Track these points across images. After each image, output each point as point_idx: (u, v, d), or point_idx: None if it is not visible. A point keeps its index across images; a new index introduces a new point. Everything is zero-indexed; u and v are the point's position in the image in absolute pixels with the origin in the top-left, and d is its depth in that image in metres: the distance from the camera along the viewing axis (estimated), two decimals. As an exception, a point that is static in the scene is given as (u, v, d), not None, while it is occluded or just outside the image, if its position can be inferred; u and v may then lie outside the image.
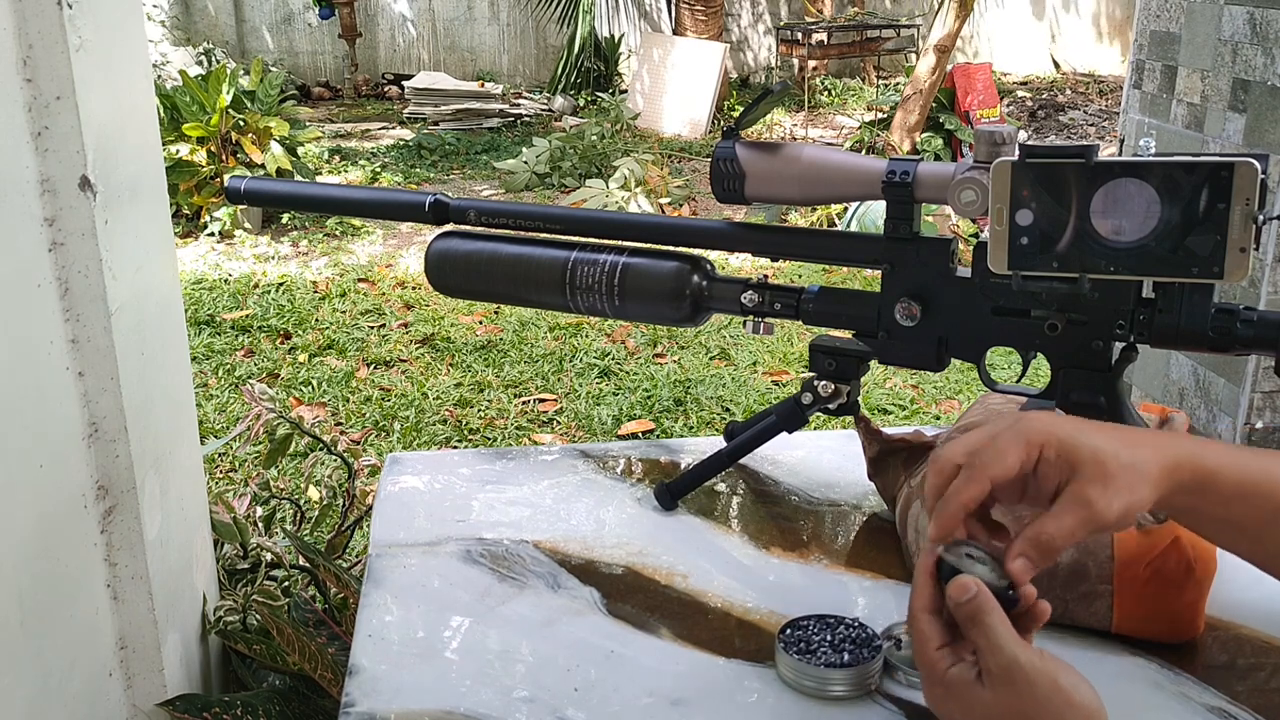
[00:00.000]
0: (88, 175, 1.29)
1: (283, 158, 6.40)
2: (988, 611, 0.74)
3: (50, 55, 1.25)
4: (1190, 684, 0.98)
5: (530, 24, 11.99)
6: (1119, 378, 1.06)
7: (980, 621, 0.74)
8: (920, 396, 4.22)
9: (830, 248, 1.18)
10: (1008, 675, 0.73)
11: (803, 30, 9.59)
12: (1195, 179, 0.92)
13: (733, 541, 1.24)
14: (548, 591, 1.14)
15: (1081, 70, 13.05)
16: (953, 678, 0.75)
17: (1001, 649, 0.73)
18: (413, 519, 1.28)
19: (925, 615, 0.78)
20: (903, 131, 8.23)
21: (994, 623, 0.74)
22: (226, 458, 3.54)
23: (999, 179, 0.97)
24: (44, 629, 1.26)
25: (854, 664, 0.97)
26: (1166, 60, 2.98)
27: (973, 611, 0.75)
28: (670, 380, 4.28)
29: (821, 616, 1.03)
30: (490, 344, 4.69)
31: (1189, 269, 0.94)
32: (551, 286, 1.24)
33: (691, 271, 1.19)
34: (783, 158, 1.12)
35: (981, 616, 0.75)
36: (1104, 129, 9.98)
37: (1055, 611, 1.02)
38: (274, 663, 1.65)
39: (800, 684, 0.97)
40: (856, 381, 1.20)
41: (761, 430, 1.26)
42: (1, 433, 1.17)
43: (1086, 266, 0.97)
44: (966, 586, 0.75)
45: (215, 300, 5.14)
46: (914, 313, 1.11)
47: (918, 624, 0.78)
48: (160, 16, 10.81)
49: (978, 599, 0.75)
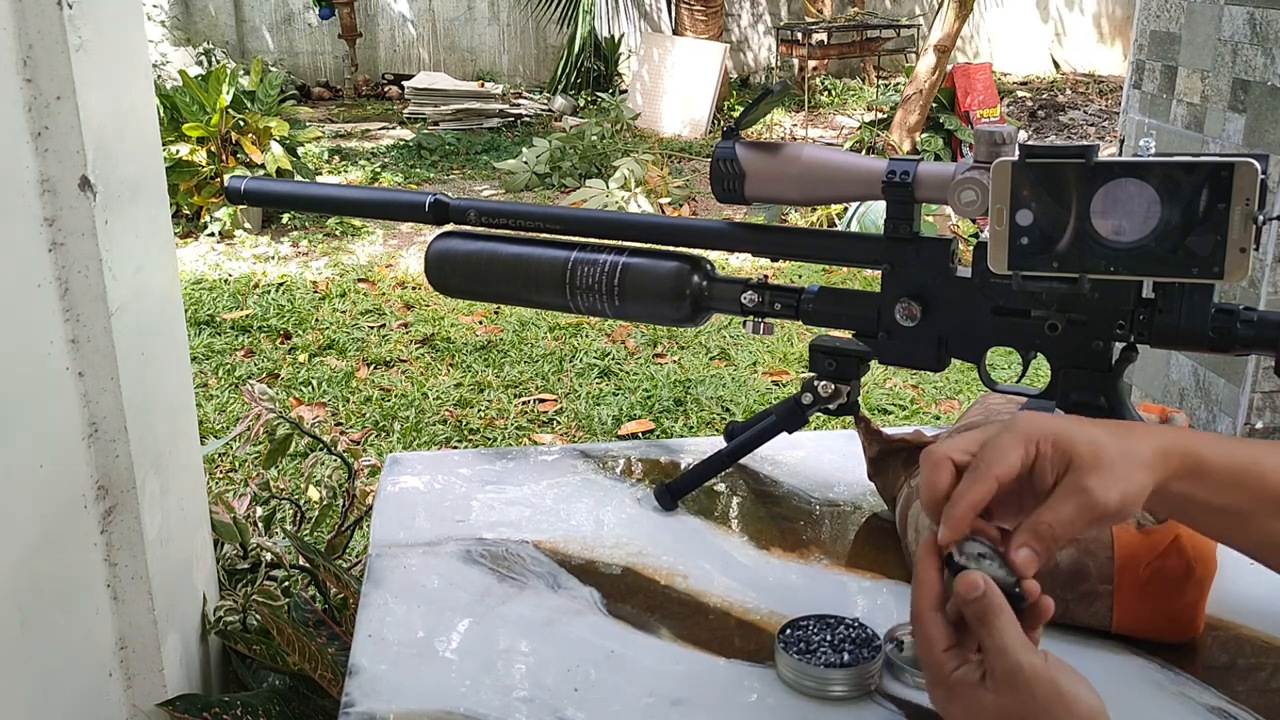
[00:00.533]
0: (88, 175, 1.29)
1: (283, 158, 6.40)
2: (996, 611, 0.74)
3: (50, 55, 1.24)
4: (1190, 684, 0.98)
5: (530, 24, 11.99)
6: (1119, 378, 1.06)
7: (989, 621, 0.74)
8: (920, 397, 4.22)
9: (830, 248, 1.18)
10: (1011, 679, 0.73)
11: (803, 30, 9.60)
12: (1195, 179, 0.91)
13: (733, 542, 1.24)
14: (548, 591, 1.14)
15: (1081, 70, 13.05)
16: (957, 680, 0.75)
17: (1007, 652, 0.73)
18: (413, 519, 1.28)
19: (932, 615, 0.78)
20: (903, 131, 8.23)
21: (1002, 624, 0.74)
22: (226, 458, 3.54)
23: (999, 179, 0.97)
24: (44, 629, 1.26)
25: (854, 664, 0.97)
26: (1166, 60, 2.98)
27: (982, 610, 0.75)
28: (670, 380, 4.28)
29: (821, 616, 1.03)
30: (490, 344, 4.69)
31: (1189, 269, 0.94)
32: (551, 287, 1.23)
33: (691, 272, 1.19)
34: (783, 158, 1.12)
35: (990, 616, 0.74)
36: (1104, 129, 9.98)
37: (1055, 612, 1.01)
38: (274, 663, 1.65)
39: (800, 684, 0.97)
40: (856, 381, 1.20)
41: (761, 430, 1.26)
42: (1, 432, 1.17)
43: (1086, 266, 0.97)
44: (975, 583, 0.75)
45: (215, 300, 5.14)
46: (914, 313, 1.11)
47: (924, 624, 0.78)
48: (160, 16, 10.81)
49: (986, 596, 0.75)
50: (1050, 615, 0.78)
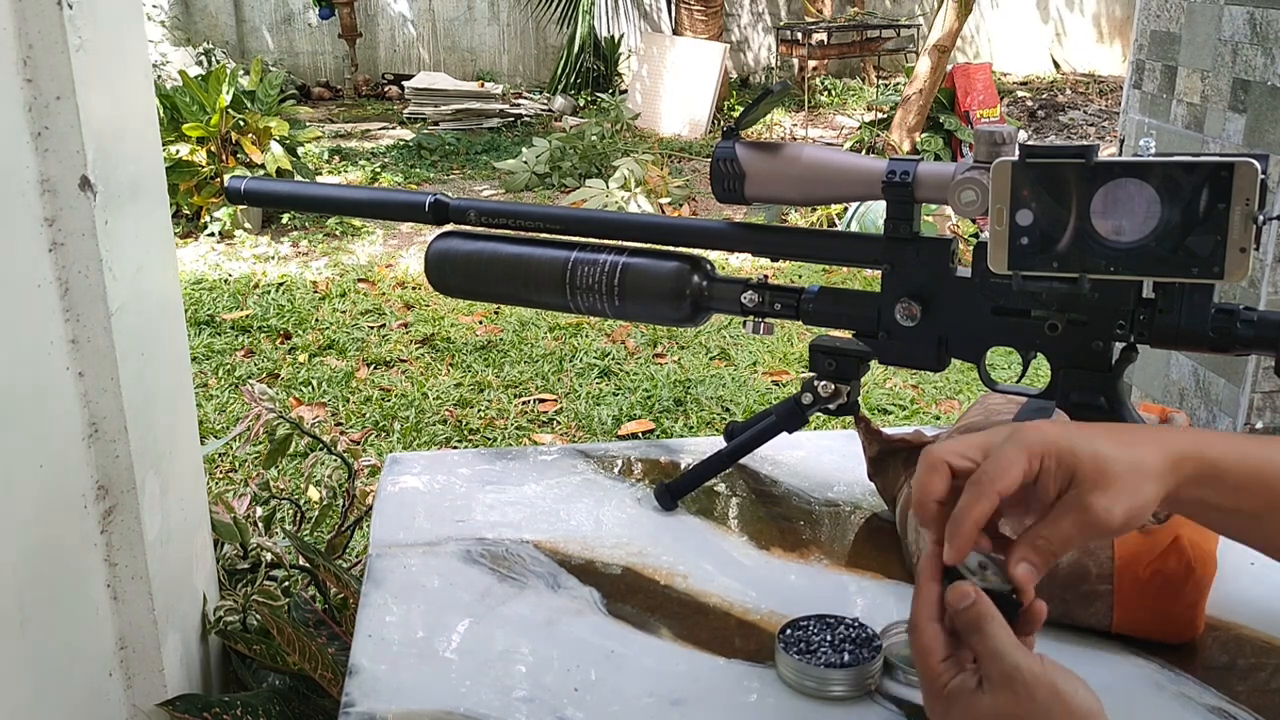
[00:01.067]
0: (88, 175, 1.29)
1: (283, 158, 6.40)
2: (988, 618, 0.74)
3: (50, 55, 1.24)
4: (1190, 684, 0.98)
5: (530, 24, 11.99)
6: (1119, 378, 1.05)
7: (980, 628, 0.74)
8: (920, 397, 4.22)
9: (830, 248, 1.17)
10: (1008, 682, 0.73)
11: (803, 30, 9.60)
12: (1195, 179, 0.91)
13: (733, 542, 1.24)
14: (548, 591, 1.14)
15: (1081, 70, 13.05)
16: (954, 689, 0.75)
17: (1002, 656, 0.73)
18: (413, 519, 1.28)
19: (930, 626, 0.77)
20: (902, 131, 8.23)
21: (994, 630, 0.74)
22: (226, 458, 3.54)
23: (999, 179, 0.97)
24: (44, 629, 1.26)
25: (854, 664, 0.97)
26: (1166, 60, 2.98)
27: (973, 618, 0.75)
28: (670, 380, 4.28)
29: (821, 616, 1.03)
30: (490, 344, 4.69)
31: (1189, 269, 0.94)
32: (551, 287, 1.23)
33: (691, 272, 1.19)
34: (783, 158, 1.12)
35: (982, 623, 0.74)
36: (1104, 129, 9.98)
37: (1055, 612, 1.01)
38: (274, 663, 1.65)
39: (800, 684, 0.97)
40: (856, 381, 1.20)
41: (761, 430, 1.26)
42: (1, 432, 1.17)
43: (1086, 266, 0.96)
44: (965, 593, 0.75)
45: (215, 300, 5.14)
46: (914, 313, 1.11)
47: (922, 636, 0.77)
48: (160, 16, 10.81)
49: (977, 605, 0.75)
50: (1044, 619, 0.78)
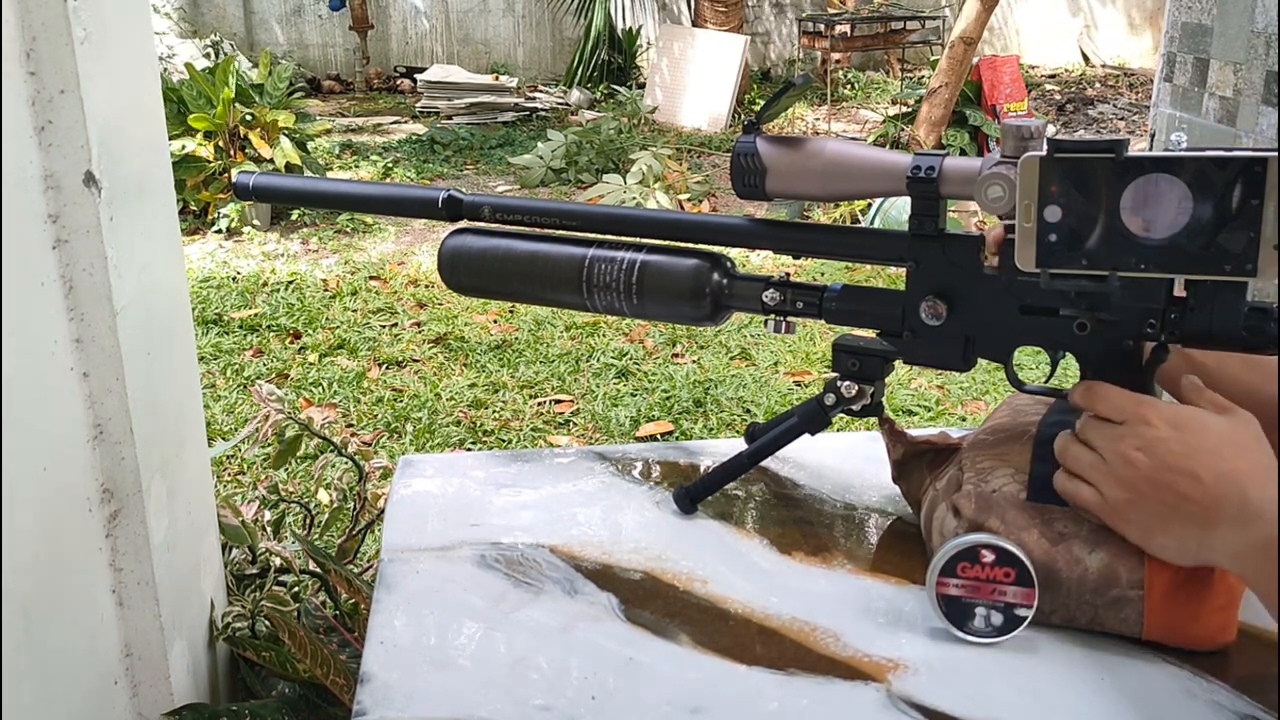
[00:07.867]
0: (92, 171, 1.28)
1: (292, 153, 6.40)
2: None
3: (54, 48, 1.23)
4: (1223, 692, 0.97)
5: (546, 16, 12.01)
6: (1150, 378, 1.04)
7: None
8: (946, 397, 4.20)
9: (853, 245, 1.16)
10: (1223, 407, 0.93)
11: (826, 22, 9.60)
12: (1228, 174, 0.90)
13: (753, 546, 1.22)
14: (564, 597, 1.12)
15: (1110, 63, 13.00)
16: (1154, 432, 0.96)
17: None
18: (425, 523, 1.27)
19: None
20: (928, 126, 8.19)
21: None
22: (235, 460, 3.53)
23: (1027, 174, 0.96)
24: (48, 635, 1.24)
25: None
26: (1198, 53, 2.95)
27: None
28: (689, 381, 4.26)
29: None
30: (505, 343, 4.68)
31: (1221, 266, 0.92)
32: (568, 285, 1.22)
33: (711, 269, 1.18)
34: (805, 153, 1.10)
35: None
36: (1134, 123, 9.94)
37: (1084, 618, 1.02)
38: (284, 670, 1.63)
39: None
40: (881, 382, 1.19)
41: (783, 432, 1.25)
42: (4, 434, 1.16)
43: (1116, 264, 0.95)
44: None
45: (223, 299, 5.14)
46: (940, 311, 1.09)
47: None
48: (167, 8, 10.85)
49: None
50: None
